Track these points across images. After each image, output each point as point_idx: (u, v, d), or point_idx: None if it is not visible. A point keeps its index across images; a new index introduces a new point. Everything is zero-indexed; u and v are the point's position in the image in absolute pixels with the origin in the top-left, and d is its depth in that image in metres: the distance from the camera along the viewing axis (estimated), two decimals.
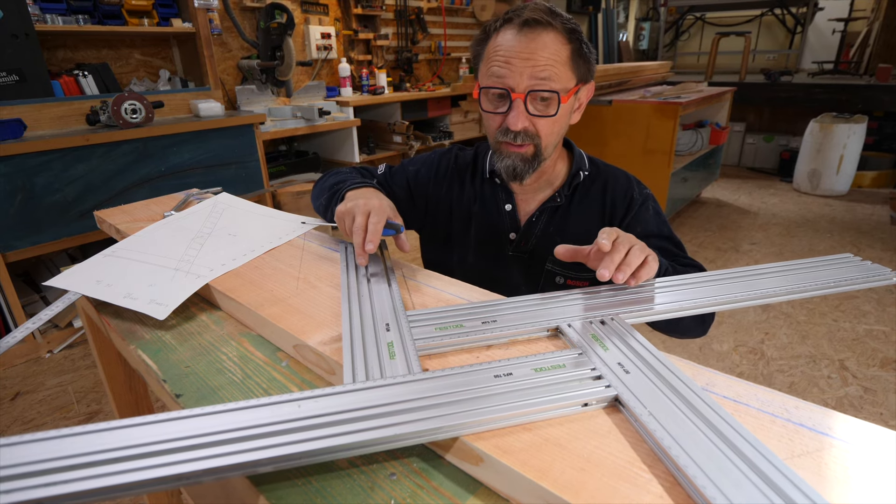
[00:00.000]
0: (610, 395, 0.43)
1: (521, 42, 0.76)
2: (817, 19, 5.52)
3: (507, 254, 0.93)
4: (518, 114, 0.78)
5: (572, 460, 0.37)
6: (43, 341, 2.07)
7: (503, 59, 0.77)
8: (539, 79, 0.76)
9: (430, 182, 0.99)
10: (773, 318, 2.28)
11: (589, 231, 0.90)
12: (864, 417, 1.60)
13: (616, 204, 0.91)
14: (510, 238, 0.93)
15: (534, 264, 0.92)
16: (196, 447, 0.36)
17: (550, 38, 0.76)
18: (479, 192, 0.96)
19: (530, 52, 0.75)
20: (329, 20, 3.39)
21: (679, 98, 3.10)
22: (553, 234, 0.91)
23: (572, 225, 0.91)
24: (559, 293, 0.62)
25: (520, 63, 0.76)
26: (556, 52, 0.76)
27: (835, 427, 0.40)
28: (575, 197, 0.92)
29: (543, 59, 0.76)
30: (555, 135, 0.83)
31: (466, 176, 0.98)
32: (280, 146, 3.26)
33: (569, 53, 0.78)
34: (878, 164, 4.31)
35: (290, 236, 0.85)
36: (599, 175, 0.93)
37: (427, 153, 1.04)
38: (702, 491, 0.33)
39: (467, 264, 0.96)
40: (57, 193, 1.91)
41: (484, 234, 0.95)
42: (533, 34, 0.76)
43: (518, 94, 0.77)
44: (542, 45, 0.76)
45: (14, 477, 0.32)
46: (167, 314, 0.63)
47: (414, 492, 0.39)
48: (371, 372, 0.47)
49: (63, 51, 2.36)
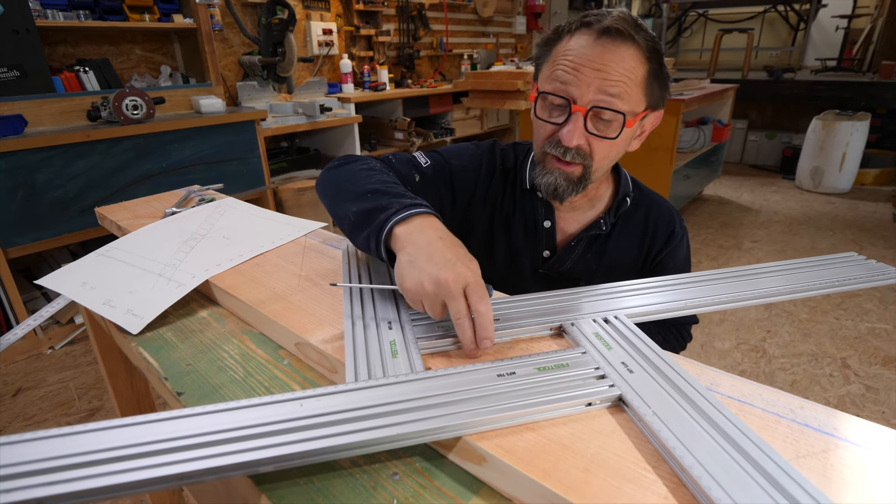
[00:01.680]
0: (614, 394, 0.43)
1: (595, 50, 0.68)
2: (821, 16, 5.49)
3: (537, 270, 0.88)
4: (575, 128, 0.70)
5: (576, 460, 0.37)
6: (44, 337, 2.07)
7: (571, 65, 0.69)
8: (607, 94, 0.68)
9: (477, 182, 0.88)
10: (775, 315, 2.27)
11: (627, 259, 0.87)
12: (866, 416, 1.60)
13: (657, 234, 0.86)
14: (543, 256, 0.87)
15: (563, 284, 0.84)
16: (198, 446, 0.36)
17: (630, 53, 0.68)
18: (520, 202, 0.88)
19: (604, 62, 0.67)
20: (331, 16, 3.38)
21: (681, 95, 3.09)
22: (590, 261, 0.86)
23: (611, 252, 0.86)
24: (563, 291, 0.62)
25: (590, 73, 0.68)
26: (632, 69, 0.68)
27: (840, 427, 0.40)
28: (618, 224, 0.86)
29: (617, 75, 0.67)
30: (609, 159, 0.76)
31: (508, 180, 0.89)
32: (281, 142, 3.25)
33: (645, 73, 0.70)
34: (880, 162, 4.30)
35: (285, 241, 0.82)
36: (643, 201, 0.88)
37: (466, 145, 0.92)
38: (706, 492, 0.33)
39: (493, 272, 0.86)
40: (58, 190, 1.90)
41: (517, 246, 0.88)
42: (612, 44, 0.67)
43: (580, 108, 0.69)
44: (619, 58, 0.67)
45: (15, 476, 0.32)
46: (141, 328, 0.62)
47: (416, 491, 0.38)
48: (373, 371, 0.46)
49: (64, 46, 2.35)
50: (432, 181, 0.83)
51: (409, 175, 0.81)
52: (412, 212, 0.56)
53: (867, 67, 4.89)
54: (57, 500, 0.31)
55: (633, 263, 0.88)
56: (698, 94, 3.19)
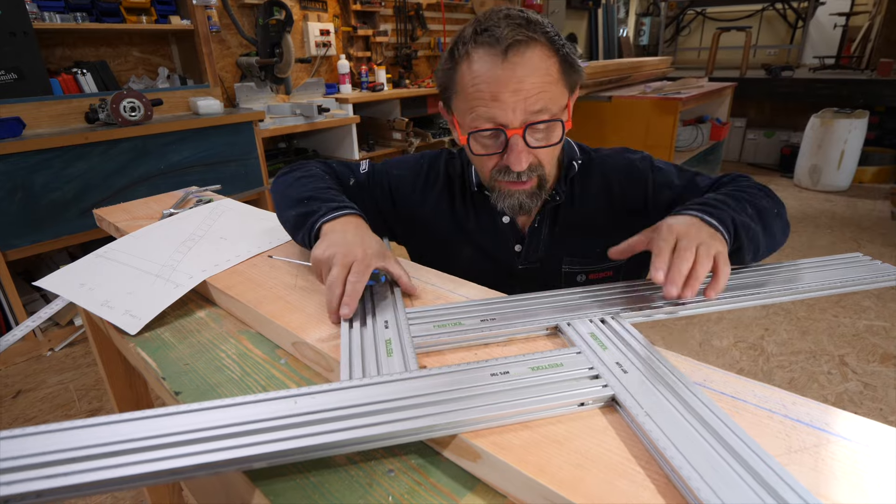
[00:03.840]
0: (607, 394, 0.43)
1: (506, 71, 0.64)
2: (818, 14, 5.50)
3: (516, 268, 0.86)
4: (519, 152, 0.67)
5: (570, 457, 0.37)
6: (44, 339, 2.08)
7: (489, 95, 0.65)
8: (535, 111, 0.66)
9: (415, 192, 0.88)
10: (773, 314, 2.28)
11: (599, 214, 0.83)
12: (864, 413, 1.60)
13: (625, 189, 0.83)
14: (516, 251, 0.85)
15: (549, 271, 0.85)
16: (193, 442, 0.36)
17: (538, 56, 0.65)
18: (471, 206, 0.86)
19: (520, 81, 0.64)
20: (328, 17, 3.38)
21: (679, 94, 3.09)
22: (561, 235, 0.84)
23: (579, 219, 0.83)
24: (559, 291, 0.62)
25: (510, 97, 0.64)
26: (546, 70, 0.65)
27: (833, 423, 0.40)
28: (574, 190, 0.84)
29: (537, 87, 0.64)
30: (556, 158, 0.75)
31: (456, 186, 0.87)
32: (279, 143, 3.25)
33: (558, 67, 0.67)
34: (879, 160, 4.30)
35: (282, 241, 0.82)
36: (593, 163, 0.85)
37: (413, 156, 0.93)
38: (696, 493, 0.33)
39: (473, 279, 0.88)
40: (56, 192, 1.91)
41: (484, 248, 0.86)
42: (519, 58, 0.63)
43: (515, 130, 0.66)
44: (531, 69, 0.64)
45: (14, 469, 0.33)
46: (139, 329, 0.62)
47: (412, 488, 0.39)
48: (368, 369, 0.47)
49: (61, 49, 2.35)
50: (366, 187, 0.88)
51: (346, 179, 0.87)
52: (337, 214, 0.68)
53: (865, 65, 4.90)
54: (56, 493, 0.32)
55: (607, 217, 0.83)
56: (696, 92, 3.19)
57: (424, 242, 0.91)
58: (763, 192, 0.73)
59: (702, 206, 0.63)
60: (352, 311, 0.55)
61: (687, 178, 0.82)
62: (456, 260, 0.87)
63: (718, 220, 0.61)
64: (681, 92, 3.19)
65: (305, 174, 0.81)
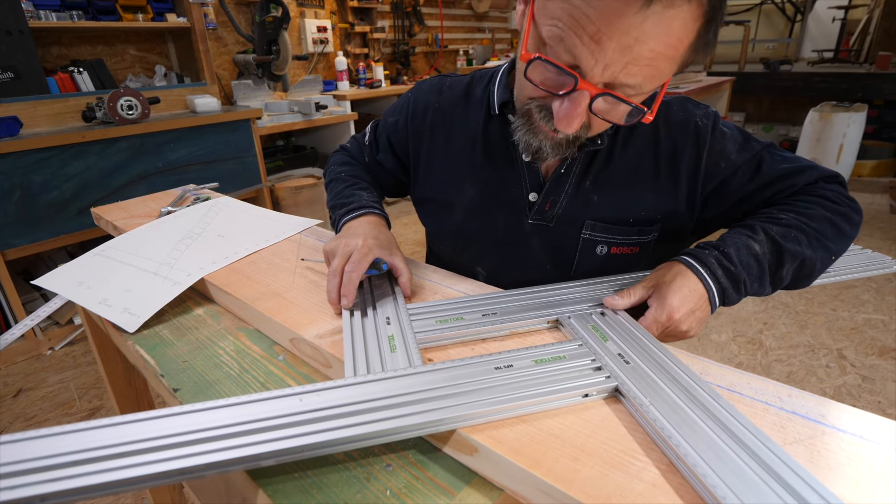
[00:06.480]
0: (610, 385, 0.43)
1: (635, 18, 0.45)
2: (817, 7, 5.48)
3: (526, 224, 0.71)
4: (574, 112, 0.51)
5: (567, 450, 0.38)
6: (44, 338, 2.08)
7: (591, 30, 0.46)
8: (629, 83, 0.50)
9: (408, 133, 0.78)
10: (772, 307, 2.28)
11: (638, 180, 0.67)
12: (862, 406, 1.61)
13: (677, 146, 0.66)
14: (529, 200, 0.70)
15: (565, 233, 0.69)
16: (200, 441, 0.36)
17: (681, 19, 0.46)
18: (482, 136, 0.71)
19: (640, 36, 0.45)
20: (325, 13, 3.37)
21: (678, 88, 3.09)
22: (590, 191, 0.68)
23: (616, 177, 0.67)
24: (560, 285, 0.62)
25: (615, 49, 0.47)
26: (677, 41, 0.47)
27: (828, 415, 0.41)
28: (618, 138, 0.67)
29: (652, 54, 0.47)
30: (605, 128, 0.60)
31: (456, 115, 0.74)
32: (277, 141, 3.24)
33: (694, 37, 0.48)
34: (877, 154, 4.30)
35: (280, 238, 0.83)
36: None
37: (405, 94, 0.83)
38: (702, 479, 0.33)
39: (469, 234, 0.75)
40: (54, 191, 1.90)
41: (491, 197, 0.72)
42: (659, 7, 0.44)
43: (589, 85, 0.50)
44: (663, 30, 0.46)
45: (17, 473, 0.33)
46: (137, 326, 0.62)
47: (409, 482, 0.39)
48: (372, 365, 0.47)
49: (57, 47, 2.34)
50: (373, 157, 0.86)
51: (361, 157, 0.88)
52: (359, 213, 0.73)
53: (864, 59, 4.89)
54: (59, 496, 0.32)
55: (647, 176, 0.68)
56: (695, 87, 3.19)
57: (426, 188, 0.80)
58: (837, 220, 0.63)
59: (726, 273, 0.57)
60: (350, 301, 0.56)
61: (751, 153, 0.66)
62: (456, 208, 0.76)
63: (728, 300, 0.58)
64: (679, 86, 3.19)
65: (339, 176, 0.83)
